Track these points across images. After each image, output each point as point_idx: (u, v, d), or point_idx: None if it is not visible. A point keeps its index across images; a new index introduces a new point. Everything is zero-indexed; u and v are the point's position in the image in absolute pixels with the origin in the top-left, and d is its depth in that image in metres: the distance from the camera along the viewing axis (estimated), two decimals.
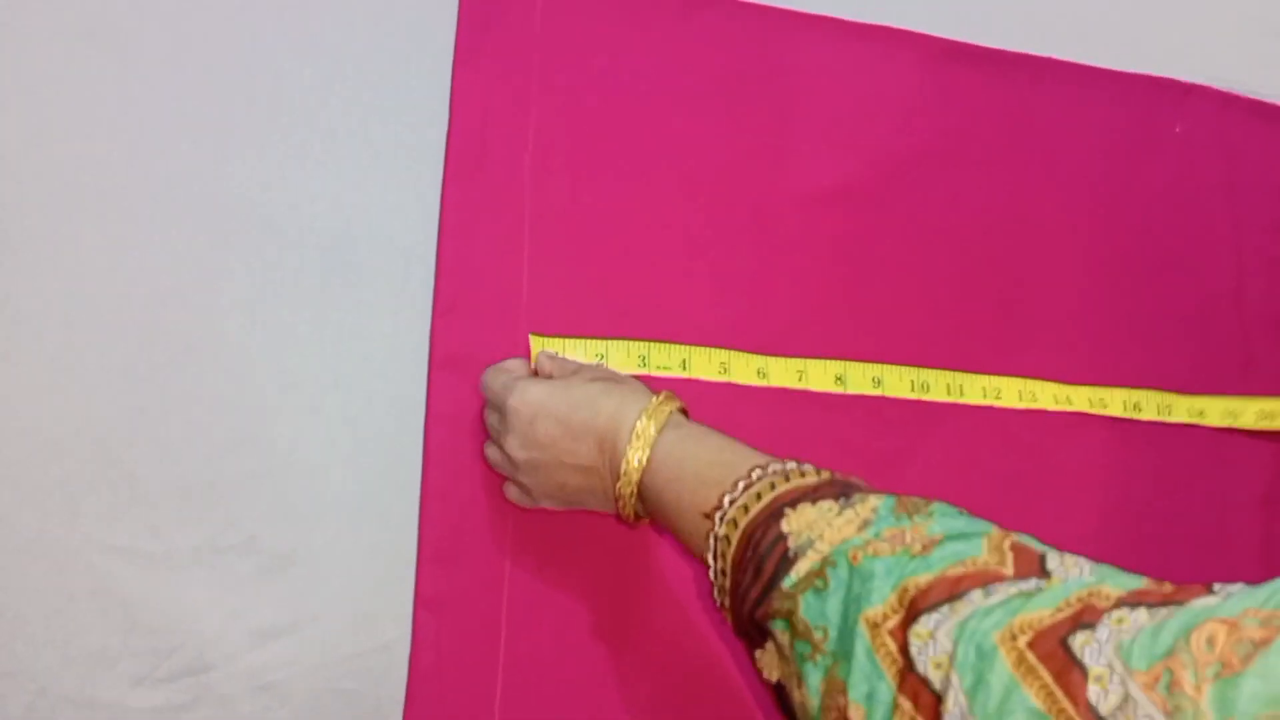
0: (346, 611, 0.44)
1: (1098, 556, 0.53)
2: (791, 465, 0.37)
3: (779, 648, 0.34)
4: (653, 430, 0.40)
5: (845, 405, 0.51)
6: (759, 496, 0.36)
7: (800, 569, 0.33)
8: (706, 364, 0.50)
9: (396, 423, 0.46)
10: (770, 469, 0.37)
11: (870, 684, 0.30)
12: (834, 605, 0.32)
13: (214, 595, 0.43)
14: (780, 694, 0.35)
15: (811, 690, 0.32)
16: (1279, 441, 0.57)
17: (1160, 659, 0.25)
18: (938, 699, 0.28)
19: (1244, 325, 0.59)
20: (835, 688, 0.31)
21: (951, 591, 0.30)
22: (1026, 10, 0.62)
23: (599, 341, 0.49)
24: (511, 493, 0.45)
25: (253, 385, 0.45)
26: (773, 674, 0.35)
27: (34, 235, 0.44)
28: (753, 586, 0.34)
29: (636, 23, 0.54)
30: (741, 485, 0.36)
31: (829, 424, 0.51)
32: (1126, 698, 0.25)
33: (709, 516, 0.37)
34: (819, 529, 0.34)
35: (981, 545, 0.31)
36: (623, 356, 0.48)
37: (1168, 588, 0.28)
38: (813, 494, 0.35)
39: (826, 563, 0.33)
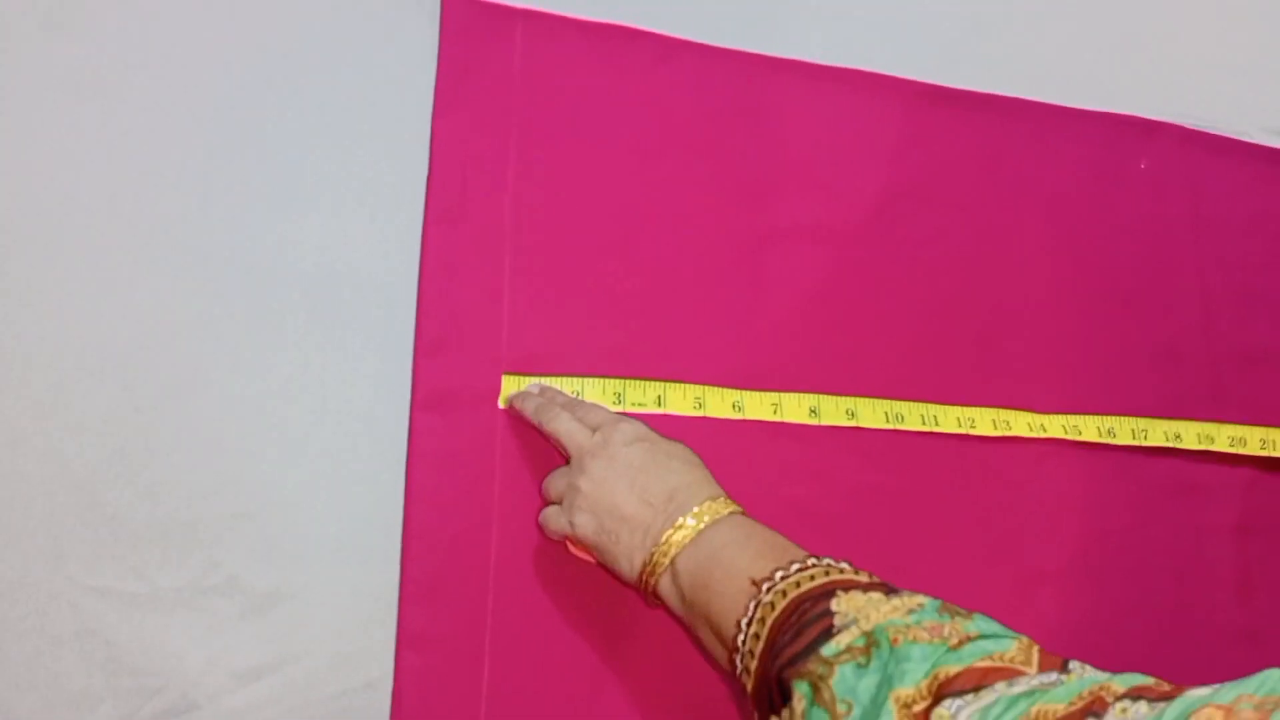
0: (329, 651, 0.45)
1: (1074, 585, 0.54)
2: (845, 564, 0.40)
3: (793, 715, 0.35)
4: (724, 509, 0.42)
5: (820, 437, 0.52)
6: (813, 577, 0.38)
7: (842, 640, 0.35)
8: (681, 400, 0.51)
9: (378, 462, 0.47)
10: (824, 561, 0.39)
11: None
12: (868, 684, 0.33)
13: (197, 636, 0.43)
14: None
15: None
16: (1251, 468, 0.58)
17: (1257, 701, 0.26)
18: None
19: (1213, 357, 0.60)
20: None
21: (978, 682, 0.32)
22: (995, 53, 0.64)
23: (574, 379, 0.50)
24: (547, 514, 0.46)
25: (235, 425, 0.46)
26: None
27: (16, 277, 0.45)
28: (790, 646, 0.36)
29: (613, 68, 0.56)
30: (796, 566, 0.39)
31: (805, 456, 0.52)
32: None
33: (757, 584, 0.39)
34: (866, 612, 0.36)
35: (1012, 645, 0.33)
36: (598, 394, 0.50)
37: (1166, 686, 0.30)
38: (864, 586, 0.37)
39: (870, 640, 0.35)
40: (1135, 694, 0.29)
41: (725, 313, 0.53)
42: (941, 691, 0.32)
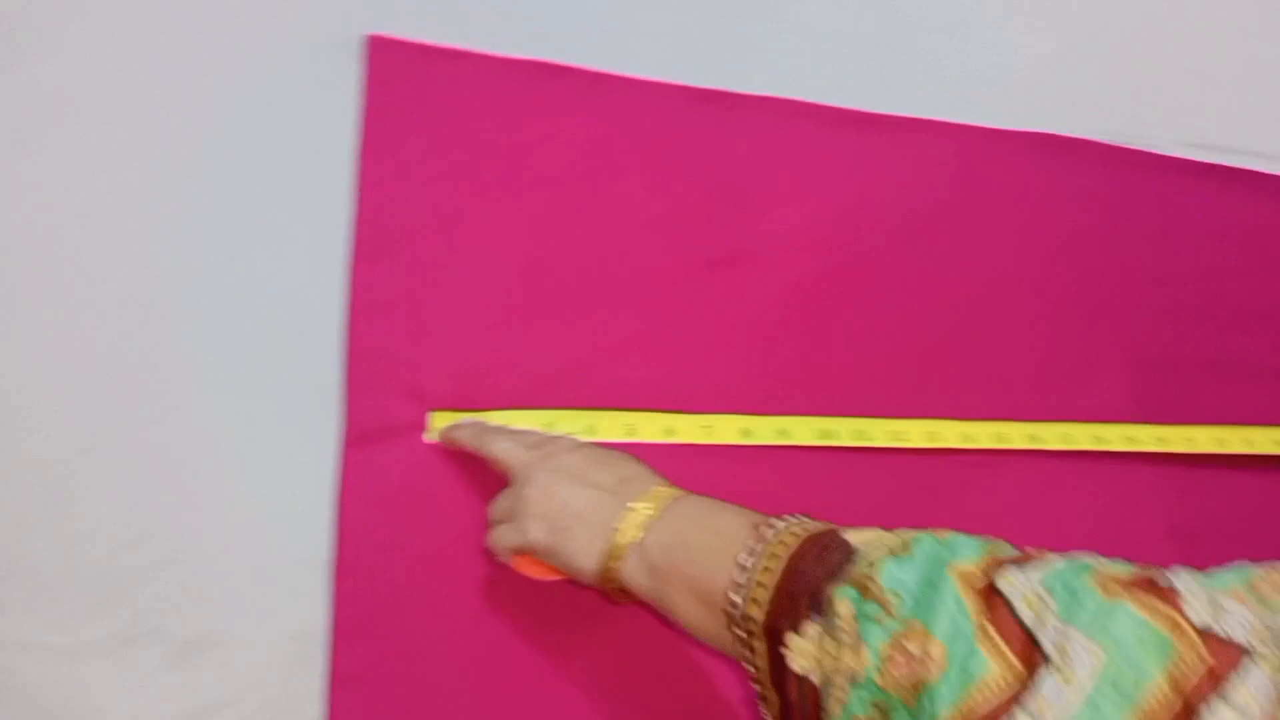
0: (259, 696, 0.44)
1: None
2: None
3: (830, 626, 0.34)
4: (680, 492, 0.43)
5: (753, 458, 0.53)
6: (812, 524, 0.39)
7: (877, 551, 0.35)
8: (613, 427, 0.51)
9: (304, 502, 0.47)
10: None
11: (956, 623, 0.32)
12: (915, 571, 0.34)
13: (123, 687, 0.43)
14: (795, 689, 0.35)
15: (871, 650, 0.33)
16: (1182, 468, 0.58)
17: (1239, 584, 0.31)
18: (1026, 633, 0.31)
19: (1133, 365, 0.61)
20: (911, 635, 0.32)
21: (1034, 559, 0.34)
22: (917, 77, 0.66)
23: (504, 413, 0.50)
24: (496, 535, 0.45)
25: (159, 471, 0.46)
26: (803, 661, 0.35)
27: None
28: (818, 569, 0.36)
29: (540, 104, 0.57)
30: (792, 518, 0.39)
31: (738, 477, 0.52)
32: (1217, 607, 0.30)
33: (758, 527, 0.38)
34: (885, 539, 0.37)
35: None
36: (529, 425, 0.50)
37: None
38: (864, 527, 0.38)
39: (910, 540, 0.35)
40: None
41: (655, 339, 0.54)
42: (999, 566, 0.33)
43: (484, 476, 0.48)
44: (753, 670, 0.37)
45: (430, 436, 0.50)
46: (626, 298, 0.55)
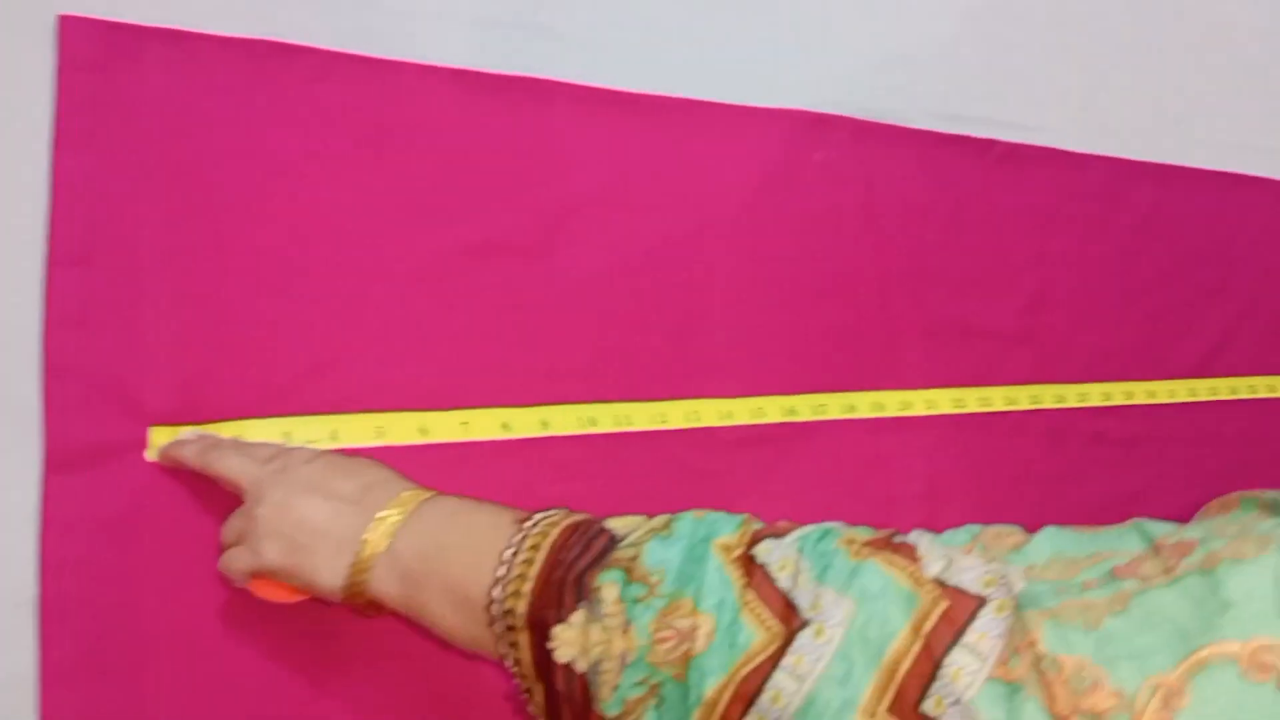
0: None
1: None
2: None
3: (596, 613, 0.35)
4: (429, 493, 0.41)
5: (513, 452, 0.52)
6: (572, 514, 0.40)
7: (638, 534, 0.37)
8: (359, 430, 0.49)
9: (6, 535, 0.43)
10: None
11: (720, 595, 0.34)
12: (678, 548, 0.36)
13: None
14: (561, 679, 0.35)
15: (640, 629, 0.34)
16: (934, 435, 0.63)
17: (968, 541, 0.36)
18: (784, 597, 0.34)
19: (890, 336, 0.64)
20: (678, 610, 0.34)
21: (786, 530, 0.37)
22: (663, 54, 0.67)
23: (234, 423, 0.47)
24: (227, 558, 0.42)
25: None
26: (568, 651, 0.35)
27: None
28: (581, 558, 0.36)
29: (267, 87, 0.53)
30: (552, 511, 0.40)
31: (499, 474, 0.52)
32: (950, 562, 0.34)
33: (520, 522, 0.38)
34: (647, 522, 0.38)
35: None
36: (261, 436, 0.47)
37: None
38: (624, 515, 0.40)
39: (671, 520, 0.38)
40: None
41: (402, 335, 0.52)
42: (756, 537, 0.36)
43: (218, 495, 0.45)
44: (515, 666, 0.37)
45: (152, 455, 0.46)
46: (370, 292, 0.52)
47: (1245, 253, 0.83)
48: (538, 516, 0.39)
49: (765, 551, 0.35)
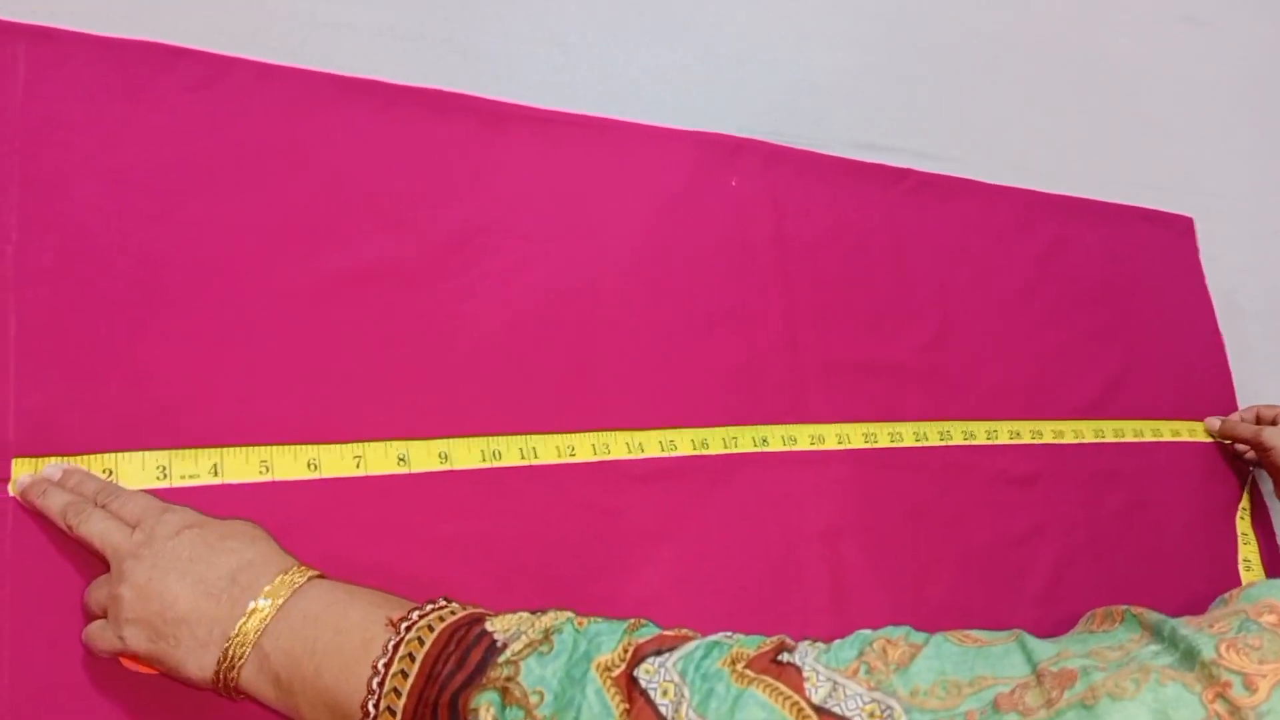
0: None
1: (681, 604, 0.57)
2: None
3: None
4: (300, 578, 0.40)
5: (409, 487, 0.51)
6: (454, 611, 0.39)
7: (518, 645, 0.37)
8: (244, 465, 0.47)
9: None
10: (455, 602, 0.40)
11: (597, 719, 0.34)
12: (557, 665, 0.36)
13: None
14: None
15: None
16: (835, 472, 0.63)
17: (854, 660, 0.35)
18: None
19: (796, 370, 0.65)
20: None
21: (671, 644, 0.37)
22: (580, 73, 0.67)
23: (107, 456, 0.45)
24: (91, 632, 0.40)
25: None
26: None
27: None
28: (456, 674, 0.36)
29: (147, 93, 0.51)
30: (430, 605, 0.39)
31: (392, 511, 0.50)
32: (835, 685, 0.34)
33: (394, 623, 0.38)
34: (529, 622, 0.38)
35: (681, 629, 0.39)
36: (137, 470, 0.45)
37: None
38: (509, 612, 0.40)
39: (551, 630, 0.37)
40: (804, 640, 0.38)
41: (290, 363, 0.51)
42: (640, 653, 0.36)
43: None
44: None
45: (13, 490, 0.43)
46: (255, 317, 0.50)
47: (1145, 289, 0.87)
48: (415, 615, 0.38)
49: (647, 674, 0.35)
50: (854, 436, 0.64)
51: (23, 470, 0.43)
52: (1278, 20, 1.09)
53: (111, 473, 0.45)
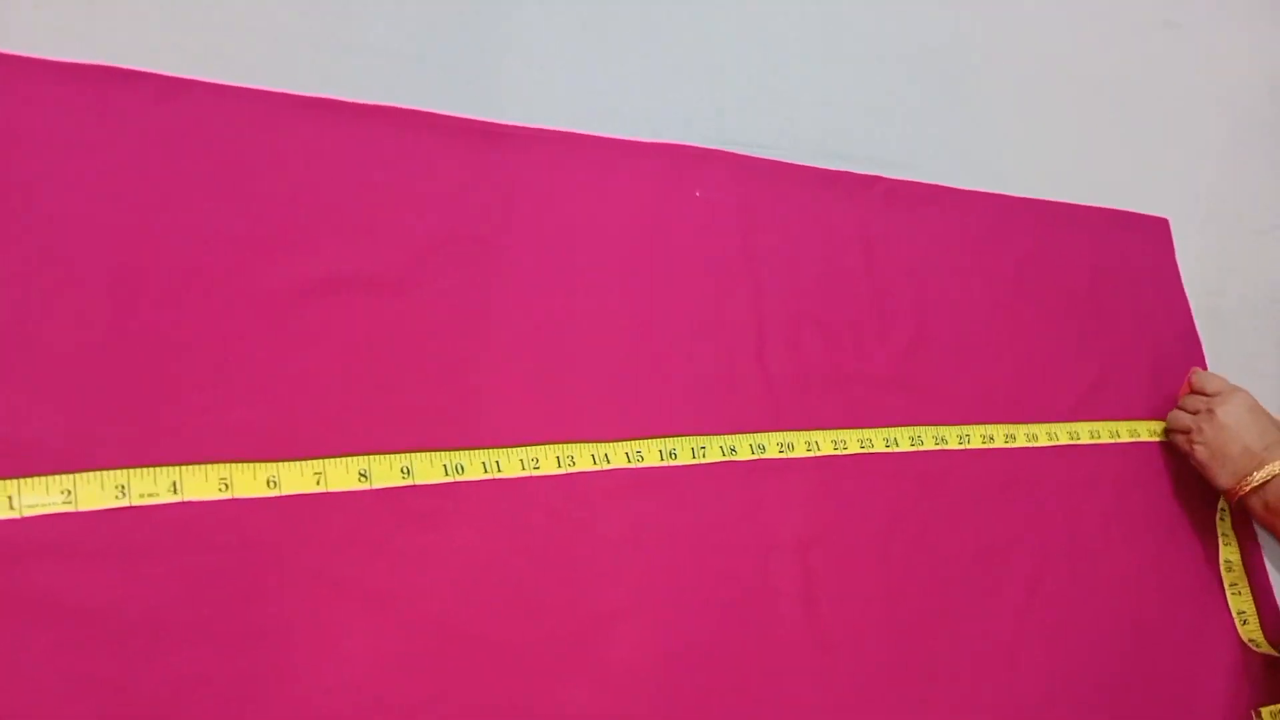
0: None
1: (650, 618, 0.58)
2: None
3: None
4: None
5: (371, 502, 0.52)
6: None
7: None
8: (203, 483, 0.49)
9: None
10: None
11: None
12: None
13: None
14: None
15: None
16: (807, 484, 0.65)
17: None
18: None
19: (766, 380, 0.66)
20: None
21: None
22: (546, 87, 0.68)
23: (64, 477, 0.46)
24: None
25: None
26: None
27: None
28: None
29: (104, 115, 0.53)
30: None
31: (350, 528, 0.52)
32: None
33: None
34: None
35: None
36: (95, 490, 0.46)
37: None
38: None
39: None
40: None
41: (252, 376, 0.52)
42: None
43: None
44: None
45: None
46: (215, 330, 0.52)
47: (1122, 291, 0.88)
48: None
49: None
50: (823, 444, 0.66)
51: None
52: (1253, 23, 1.12)
53: (70, 493, 0.46)
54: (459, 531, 0.54)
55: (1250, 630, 0.78)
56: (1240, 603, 0.80)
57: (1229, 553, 0.81)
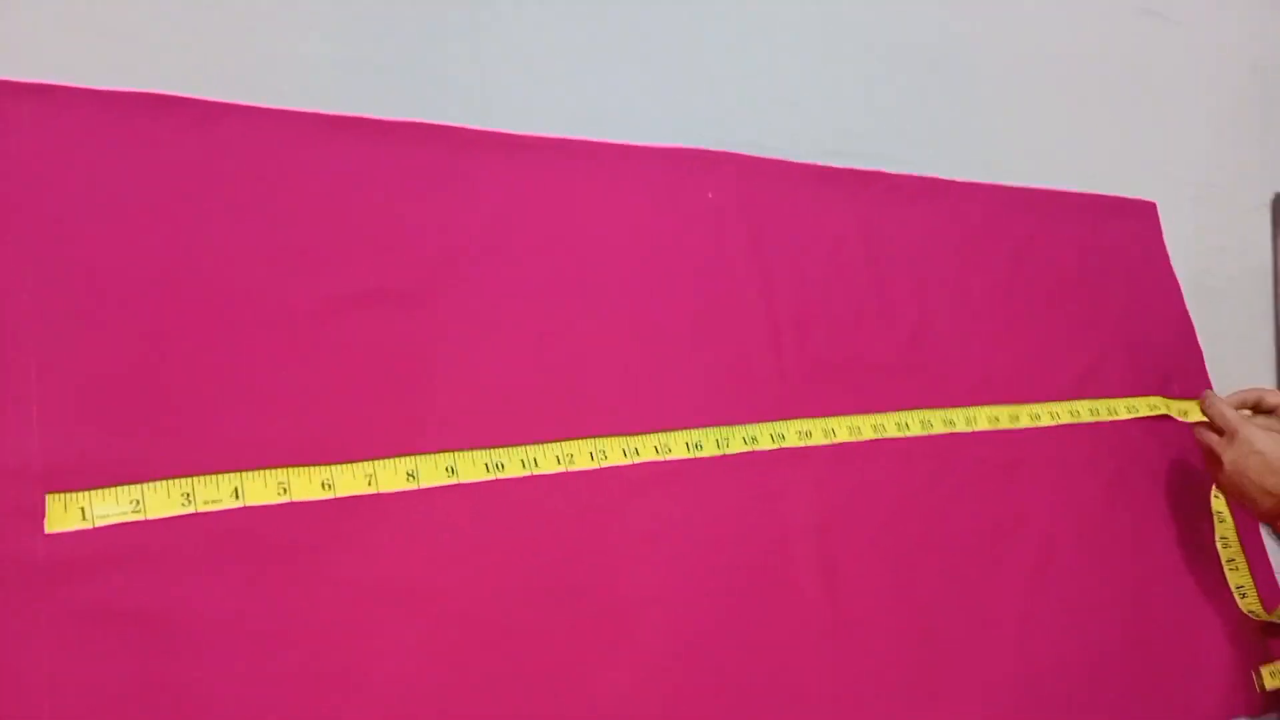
0: None
1: (680, 605, 0.61)
2: None
3: None
4: None
5: (419, 501, 0.56)
6: None
7: None
8: (263, 488, 0.52)
9: None
10: None
11: None
12: None
13: None
14: None
15: None
16: (817, 468, 0.68)
17: None
18: None
19: (781, 370, 0.70)
20: None
21: None
22: (552, 96, 0.71)
23: (133, 487, 0.49)
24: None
25: None
26: None
27: None
28: None
29: (142, 140, 0.55)
30: None
31: (404, 526, 0.55)
32: None
33: None
34: None
35: None
36: (163, 498, 0.50)
37: None
38: None
39: None
40: None
41: (301, 385, 0.55)
42: None
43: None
44: None
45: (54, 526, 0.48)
46: (259, 342, 0.55)
47: (1114, 275, 0.92)
48: None
49: None
50: (840, 430, 0.69)
51: (58, 506, 0.48)
52: (1236, 9, 1.15)
53: (139, 502, 0.49)
54: (498, 526, 0.57)
55: (1250, 603, 0.82)
56: (1238, 578, 0.83)
57: (1224, 530, 0.84)
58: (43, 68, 0.55)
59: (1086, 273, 0.91)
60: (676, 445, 0.64)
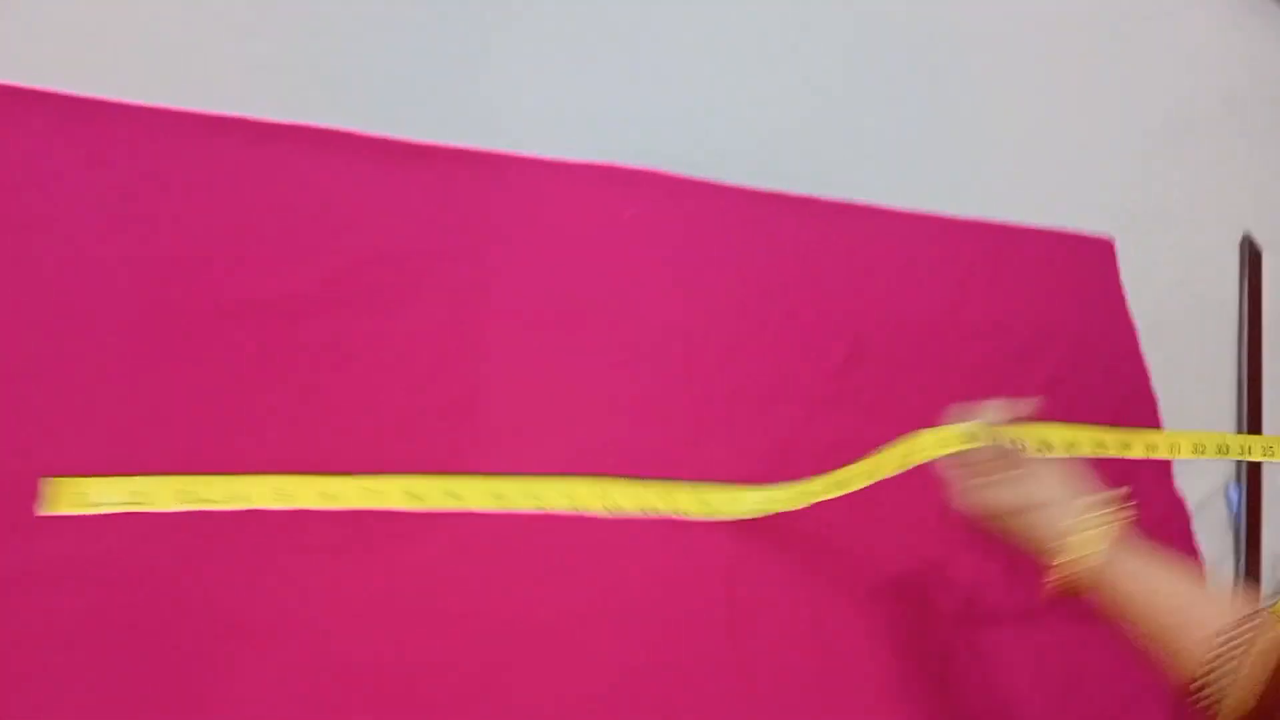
0: None
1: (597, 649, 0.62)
2: None
3: None
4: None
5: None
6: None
7: None
8: (309, 492, 0.58)
9: None
10: None
11: None
12: None
13: None
14: None
15: None
16: (730, 529, 0.67)
17: None
18: None
19: (694, 402, 0.68)
20: None
21: None
22: (473, 105, 0.72)
23: (136, 479, 0.56)
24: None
25: None
26: None
27: None
28: None
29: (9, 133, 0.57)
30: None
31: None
32: None
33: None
34: None
35: None
36: (166, 493, 0.57)
37: None
38: None
39: None
40: None
41: (167, 395, 0.58)
42: None
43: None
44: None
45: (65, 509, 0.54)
46: (132, 351, 0.57)
47: (1067, 310, 0.90)
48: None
49: None
50: (750, 500, 0.65)
51: (54, 491, 0.54)
52: (1207, 41, 1.14)
53: (141, 494, 0.58)
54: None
55: None
56: None
57: None
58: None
59: (1038, 307, 0.89)
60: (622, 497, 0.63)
